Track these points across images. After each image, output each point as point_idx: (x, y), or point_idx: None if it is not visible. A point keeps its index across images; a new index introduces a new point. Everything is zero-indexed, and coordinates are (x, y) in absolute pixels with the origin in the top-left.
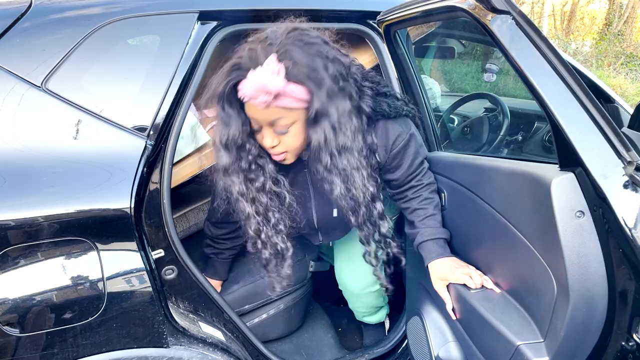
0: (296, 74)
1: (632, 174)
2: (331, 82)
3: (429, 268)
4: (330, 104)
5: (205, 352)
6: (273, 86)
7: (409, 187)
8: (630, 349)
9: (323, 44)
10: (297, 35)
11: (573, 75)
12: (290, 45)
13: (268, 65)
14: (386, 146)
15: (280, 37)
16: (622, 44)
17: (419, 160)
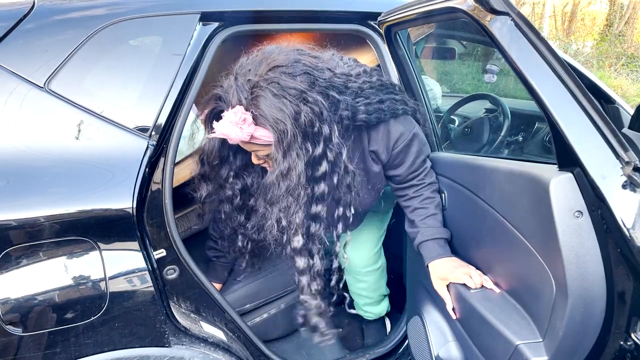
0: (262, 123)
1: (630, 174)
2: (295, 133)
3: (429, 268)
4: (283, 159)
5: (207, 351)
6: (234, 136)
7: (411, 185)
8: (628, 348)
9: (305, 86)
10: (275, 77)
11: (571, 76)
12: (264, 90)
13: (231, 116)
14: (387, 146)
15: (259, 75)
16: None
17: (421, 158)
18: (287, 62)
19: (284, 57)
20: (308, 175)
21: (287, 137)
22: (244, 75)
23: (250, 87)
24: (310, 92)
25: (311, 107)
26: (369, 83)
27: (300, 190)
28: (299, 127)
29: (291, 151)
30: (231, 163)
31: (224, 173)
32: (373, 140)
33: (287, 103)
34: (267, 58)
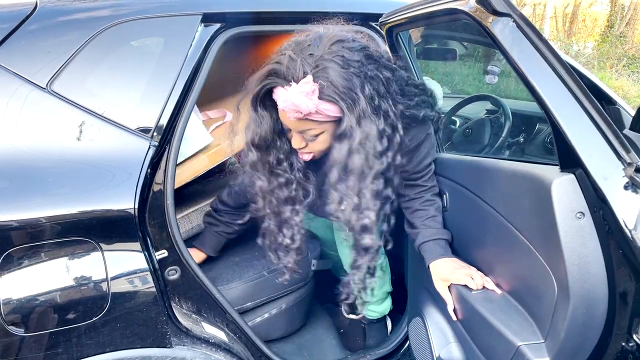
0: (330, 94)
1: (632, 176)
2: (365, 103)
3: (430, 268)
4: (358, 127)
5: (208, 352)
6: (305, 108)
7: (413, 185)
8: (630, 349)
9: (364, 60)
10: (339, 50)
11: (573, 77)
12: (329, 62)
13: (303, 86)
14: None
15: (322, 49)
16: (624, 46)
17: (428, 160)
18: (347, 38)
19: (342, 34)
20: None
21: (359, 106)
22: (303, 51)
23: (315, 60)
24: (370, 66)
25: (371, 82)
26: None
27: (374, 162)
28: (366, 97)
29: (365, 119)
30: (279, 147)
31: (273, 158)
32: None
33: (353, 74)
34: (325, 35)
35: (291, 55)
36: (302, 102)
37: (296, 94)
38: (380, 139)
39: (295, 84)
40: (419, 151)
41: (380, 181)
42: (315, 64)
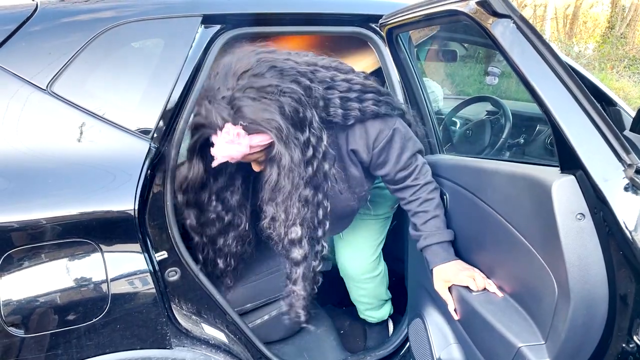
0: (255, 128)
1: (633, 177)
2: (288, 125)
3: (433, 272)
4: (286, 150)
5: (208, 353)
6: (237, 153)
7: (405, 186)
8: (630, 350)
9: (276, 79)
10: (247, 83)
11: (573, 78)
12: (242, 100)
13: (225, 136)
14: (367, 145)
15: (231, 87)
16: (624, 47)
17: (406, 154)
18: (251, 65)
19: (245, 62)
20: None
21: (283, 132)
22: (215, 95)
23: (228, 102)
24: (283, 83)
25: (290, 97)
26: (345, 80)
27: (299, 179)
28: (287, 119)
29: (289, 143)
30: (211, 186)
31: (204, 197)
32: (351, 140)
33: (268, 102)
34: (230, 70)
35: (206, 105)
36: (232, 150)
37: (223, 146)
38: (306, 149)
39: (220, 134)
40: (392, 147)
41: (307, 192)
42: (230, 106)
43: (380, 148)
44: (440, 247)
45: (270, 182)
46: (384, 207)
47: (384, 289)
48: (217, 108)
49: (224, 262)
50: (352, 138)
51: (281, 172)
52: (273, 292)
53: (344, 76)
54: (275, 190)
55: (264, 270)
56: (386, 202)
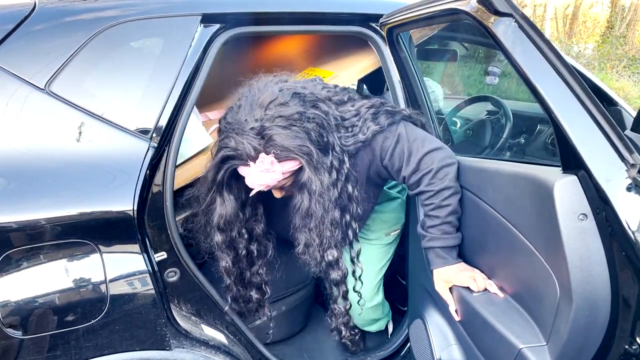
0: (286, 156)
1: (635, 177)
2: (316, 150)
3: (434, 273)
4: (316, 176)
5: (208, 354)
6: (271, 181)
7: (419, 192)
8: (633, 352)
9: (301, 107)
10: (275, 112)
11: (576, 77)
12: (272, 129)
13: (260, 165)
14: (379, 159)
15: (259, 118)
16: (624, 47)
17: (416, 157)
18: (275, 94)
19: (269, 92)
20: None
21: (313, 157)
22: (244, 126)
23: (258, 132)
24: (307, 109)
25: (315, 122)
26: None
27: (329, 203)
28: (314, 144)
29: (319, 168)
30: (241, 219)
31: (235, 233)
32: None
33: (297, 129)
34: (255, 101)
35: (235, 138)
36: (267, 178)
37: (258, 174)
38: (331, 171)
39: (253, 165)
40: (397, 152)
41: (336, 214)
42: (260, 136)
43: (388, 156)
44: (444, 250)
45: (302, 209)
46: (377, 232)
47: (380, 311)
48: (248, 139)
49: (259, 292)
50: (365, 156)
51: (312, 197)
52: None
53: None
54: (306, 217)
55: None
56: (380, 227)
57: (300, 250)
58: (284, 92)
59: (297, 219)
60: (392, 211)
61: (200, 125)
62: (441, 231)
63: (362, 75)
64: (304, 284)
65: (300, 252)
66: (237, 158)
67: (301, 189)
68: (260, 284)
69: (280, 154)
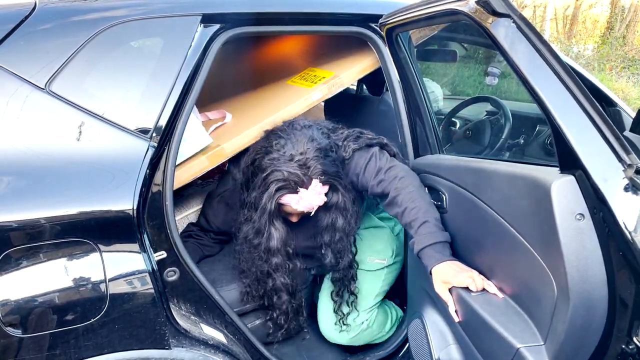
0: (326, 181)
1: (632, 177)
2: (342, 172)
3: (432, 273)
4: (346, 195)
5: (207, 354)
6: (321, 202)
7: (391, 200)
8: (630, 352)
9: (324, 140)
10: (314, 149)
11: (573, 78)
12: (314, 160)
13: (314, 189)
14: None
15: (307, 155)
16: (624, 48)
17: (384, 170)
18: (305, 133)
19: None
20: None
21: (342, 180)
22: (290, 161)
23: (303, 164)
24: (327, 140)
25: (332, 151)
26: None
27: (350, 218)
28: (338, 169)
29: (347, 189)
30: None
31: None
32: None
33: (330, 159)
34: (293, 140)
35: (287, 169)
36: (319, 199)
37: (312, 197)
38: (350, 191)
39: (305, 190)
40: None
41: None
42: (306, 167)
43: (362, 171)
44: (433, 249)
45: (336, 226)
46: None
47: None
48: (298, 169)
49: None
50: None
51: (346, 215)
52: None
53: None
54: (335, 232)
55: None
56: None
57: (332, 261)
58: (308, 129)
59: (327, 236)
60: (376, 238)
61: (200, 125)
62: (425, 231)
63: (361, 76)
64: (303, 286)
65: (333, 262)
66: (286, 188)
67: (331, 209)
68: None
69: (323, 179)
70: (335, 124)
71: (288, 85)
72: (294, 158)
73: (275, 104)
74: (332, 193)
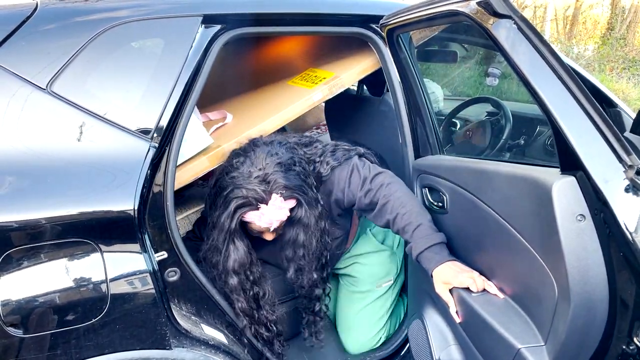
0: (289, 195)
1: (633, 178)
2: (306, 186)
3: (433, 275)
4: (310, 211)
5: (208, 354)
6: (284, 216)
7: (380, 208)
8: (630, 352)
9: (289, 153)
10: (273, 160)
11: (574, 79)
12: (275, 174)
13: (275, 203)
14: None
15: (261, 167)
16: (624, 49)
17: (369, 179)
18: (264, 149)
19: (260, 148)
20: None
21: (308, 195)
22: (249, 178)
23: (263, 180)
24: (293, 154)
25: (299, 164)
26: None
27: (319, 234)
28: (305, 184)
29: (311, 203)
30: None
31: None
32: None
33: (293, 172)
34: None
35: (246, 187)
36: (281, 214)
37: (274, 212)
38: (316, 206)
39: (265, 206)
40: (356, 177)
41: (322, 241)
42: (266, 182)
43: (347, 185)
44: (431, 251)
45: (298, 242)
46: (367, 284)
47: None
48: (260, 184)
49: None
50: (326, 188)
51: (307, 231)
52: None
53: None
54: (298, 248)
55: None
56: (368, 279)
57: (292, 276)
58: (273, 144)
59: (289, 251)
60: (379, 264)
61: (201, 126)
62: (420, 235)
63: (362, 76)
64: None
65: (293, 278)
66: (247, 205)
67: (295, 224)
68: (268, 323)
69: (284, 193)
70: (309, 139)
71: (289, 85)
72: (252, 174)
73: (276, 104)
74: (297, 208)
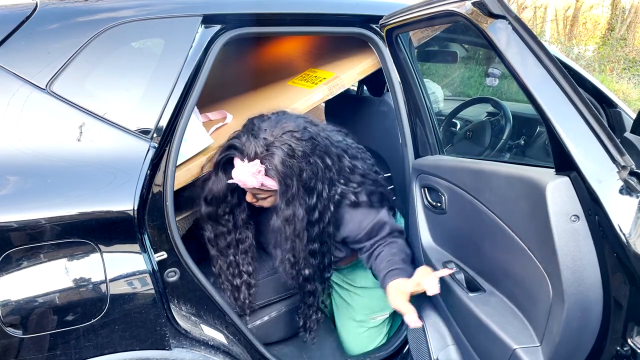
0: (272, 175)
1: (627, 179)
2: (297, 188)
3: (386, 290)
4: (286, 207)
5: (207, 354)
6: (250, 184)
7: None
8: (625, 353)
9: (309, 150)
10: (288, 139)
11: (568, 79)
12: (277, 149)
13: (251, 167)
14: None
15: (275, 135)
16: (624, 49)
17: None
18: (297, 128)
19: (294, 124)
20: (306, 219)
21: (291, 190)
22: (261, 133)
23: (266, 144)
24: (312, 155)
25: (311, 168)
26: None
27: (303, 233)
28: (301, 182)
29: (294, 201)
30: (227, 202)
31: (220, 211)
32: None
33: (294, 162)
34: (281, 122)
35: (249, 137)
36: (248, 180)
37: (244, 172)
38: (312, 213)
39: (246, 163)
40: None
41: (315, 245)
42: (266, 148)
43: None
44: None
45: (273, 228)
46: (361, 314)
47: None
48: (257, 143)
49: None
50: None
51: (278, 219)
52: (273, 293)
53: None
54: (276, 235)
55: (263, 273)
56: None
57: (276, 263)
58: (305, 131)
59: (271, 235)
60: (377, 298)
61: (201, 126)
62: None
63: (362, 77)
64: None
65: (277, 265)
66: (239, 151)
67: (276, 211)
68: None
69: (268, 170)
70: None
71: (289, 86)
72: (262, 134)
73: (276, 104)
74: (282, 200)
